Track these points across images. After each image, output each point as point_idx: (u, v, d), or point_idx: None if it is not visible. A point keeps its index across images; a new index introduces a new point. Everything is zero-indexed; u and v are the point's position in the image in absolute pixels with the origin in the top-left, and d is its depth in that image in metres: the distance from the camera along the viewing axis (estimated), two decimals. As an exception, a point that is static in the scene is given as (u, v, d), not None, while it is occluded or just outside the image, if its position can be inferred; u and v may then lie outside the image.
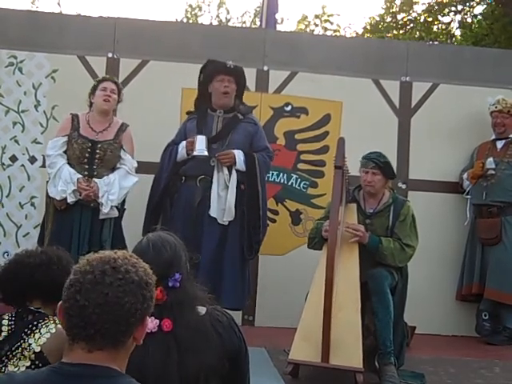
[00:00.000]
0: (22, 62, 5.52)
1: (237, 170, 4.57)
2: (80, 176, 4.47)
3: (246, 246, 4.60)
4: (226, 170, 4.55)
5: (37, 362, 2.15)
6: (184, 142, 4.64)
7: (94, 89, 4.70)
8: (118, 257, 1.58)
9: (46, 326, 2.22)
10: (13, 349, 2.19)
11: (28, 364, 2.16)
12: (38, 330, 2.21)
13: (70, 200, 4.44)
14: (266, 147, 4.79)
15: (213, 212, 4.48)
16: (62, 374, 1.52)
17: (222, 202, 4.51)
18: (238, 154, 4.58)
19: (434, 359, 4.64)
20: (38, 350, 2.17)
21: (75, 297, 1.51)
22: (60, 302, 1.58)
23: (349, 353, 3.82)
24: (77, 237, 4.45)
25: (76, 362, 1.53)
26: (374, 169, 4.34)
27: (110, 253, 1.60)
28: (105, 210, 4.47)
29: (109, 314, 1.50)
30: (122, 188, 4.56)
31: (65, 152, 4.58)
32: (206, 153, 4.49)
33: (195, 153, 4.50)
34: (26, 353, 2.17)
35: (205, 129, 4.65)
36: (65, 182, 4.45)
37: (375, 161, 4.35)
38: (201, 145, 4.48)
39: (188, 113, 4.90)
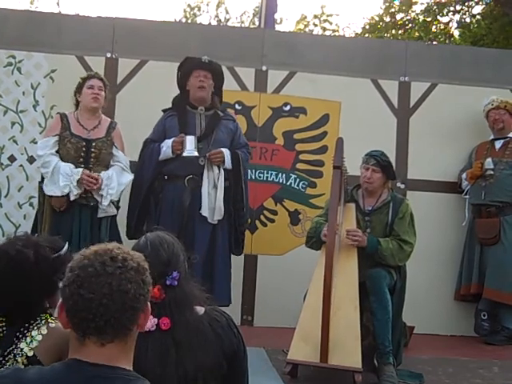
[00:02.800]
0: (20, 61, 5.52)
1: (224, 169, 4.57)
2: (82, 168, 4.46)
3: (233, 243, 4.65)
4: (216, 169, 4.54)
5: (29, 366, 2.11)
6: (169, 141, 4.56)
7: (80, 87, 4.67)
8: (112, 247, 1.62)
9: (38, 328, 2.17)
10: (5, 354, 2.14)
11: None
12: (29, 334, 2.16)
13: (76, 192, 4.41)
14: (246, 144, 4.82)
15: (204, 211, 4.47)
16: (81, 374, 1.54)
17: (212, 201, 4.49)
18: (226, 153, 4.58)
19: (433, 359, 4.64)
20: (30, 354, 2.11)
21: (79, 292, 1.54)
22: (60, 302, 1.59)
23: (347, 353, 3.82)
24: (77, 237, 4.42)
25: (92, 360, 1.55)
26: (375, 166, 4.35)
27: (103, 245, 1.64)
28: (105, 202, 4.46)
29: (116, 302, 1.54)
30: (120, 184, 4.57)
31: (56, 151, 4.54)
32: (195, 153, 4.45)
33: (185, 153, 4.45)
34: (18, 358, 2.12)
35: (188, 127, 4.61)
36: (66, 176, 4.42)
37: (377, 158, 4.36)
38: (190, 145, 4.44)
39: (164, 110, 4.84)
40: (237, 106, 5.55)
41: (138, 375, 1.59)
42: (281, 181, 5.66)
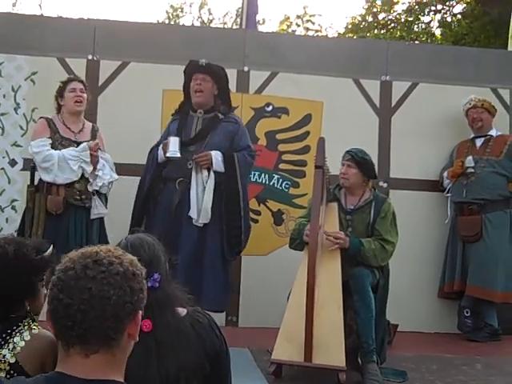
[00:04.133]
0: (1, 64, 5.48)
1: (216, 172, 4.53)
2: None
3: (226, 248, 4.56)
4: (205, 172, 4.52)
5: (12, 372, 2.08)
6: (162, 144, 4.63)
7: (61, 91, 4.68)
8: (101, 250, 1.52)
9: (20, 334, 2.13)
10: None
11: (3, 375, 2.09)
12: (11, 340, 2.14)
13: (89, 170, 4.50)
14: (248, 146, 4.75)
15: (192, 213, 4.46)
16: None
17: (200, 204, 4.48)
18: (216, 155, 4.53)
19: (417, 356, 4.66)
20: (13, 360, 2.07)
21: (58, 296, 1.45)
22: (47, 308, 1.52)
23: (331, 352, 3.83)
24: (73, 239, 4.44)
25: (76, 373, 1.46)
26: (350, 161, 4.38)
27: (93, 247, 1.54)
28: (99, 183, 4.53)
29: (95, 309, 1.44)
30: (111, 176, 4.63)
31: None
32: (178, 154, 4.46)
33: (168, 154, 4.47)
34: (1, 365, 2.09)
35: (185, 130, 4.64)
36: (74, 158, 4.47)
37: (352, 153, 4.39)
38: (173, 146, 4.45)
39: (173, 114, 4.89)
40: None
41: None
42: (264, 181, 5.67)
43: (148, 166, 4.72)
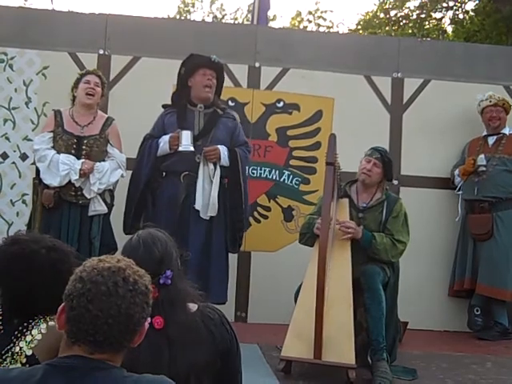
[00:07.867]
0: (12, 58, 5.50)
1: (220, 166, 4.57)
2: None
3: (229, 241, 4.64)
4: (211, 165, 4.54)
5: (27, 365, 2.08)
6: (166, 137, 4.58)
7: (77, 82, 4.68)
8: (125, 267, 1.63)
9: (38, 326, 2.14)
10: (2, 352, 2.11)
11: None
12: (28, 332, 2.13)
13: (75, 178, 4.44)
14: (245, 142, 4.83)
15: (198, 205, 4.47)
16: (58, 367, 1.57)
17: (207, 197, 4.49)
18: (223, 150, 4.58)
19: (426, 354, 4.65)
20: (29, 353, 2.08)
21: (87, 306, 1.56)
22: (62, 306, 1.61)
23: (341, 349, 3.82)
24: (65, 234, 4.44)
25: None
26: (378, 160, 4.38)
27: (114, 261, 1.64)
28: (92, 194, 4.48)
29: (120, 324, 1.57)
30: (109, 183, 4.59)
31: (52, 148, 4.56)
32: (191, 148, 4.47)
33: (181, 148, 4.47)
34: (16, 357, 2.09)
35: (186, 124, 4.61)
36: (67, 163, 4.44)
37: (381, 153, 4.41)
38: (186, 140, 4.46)
39: (164, 106, 4.83)
40: (230, 103, 5.53)
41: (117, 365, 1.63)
42: (274, 177, 5.65)
43: (143, 158, 4.65)
